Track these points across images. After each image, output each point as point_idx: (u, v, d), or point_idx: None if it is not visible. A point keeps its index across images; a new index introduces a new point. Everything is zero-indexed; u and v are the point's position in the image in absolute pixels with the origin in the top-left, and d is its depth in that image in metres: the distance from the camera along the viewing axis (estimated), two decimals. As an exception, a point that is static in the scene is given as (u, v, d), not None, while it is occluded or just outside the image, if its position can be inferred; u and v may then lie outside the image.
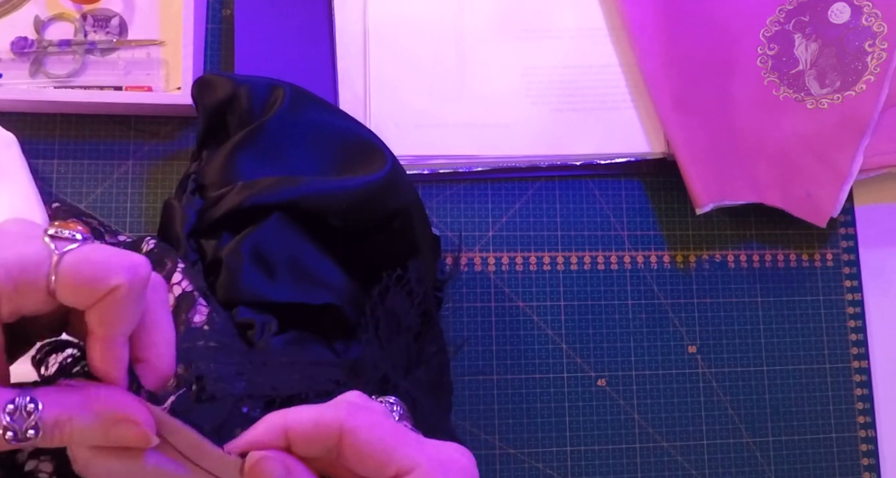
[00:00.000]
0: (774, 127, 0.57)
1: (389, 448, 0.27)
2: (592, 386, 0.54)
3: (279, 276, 0.44)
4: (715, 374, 0.56)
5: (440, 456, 0.28)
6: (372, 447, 0.27)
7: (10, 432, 0.24)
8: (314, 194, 0.44)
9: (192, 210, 0.45)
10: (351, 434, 0.27)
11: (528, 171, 0.56)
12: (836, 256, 0.59)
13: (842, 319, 0.58)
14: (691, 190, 0.55)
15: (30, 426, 0.24)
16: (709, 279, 0.57)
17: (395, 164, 0.48)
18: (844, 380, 0.57)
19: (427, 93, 0.56)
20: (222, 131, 0.47)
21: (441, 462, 0.28)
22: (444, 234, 0.55)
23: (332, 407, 0.28)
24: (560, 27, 0.58)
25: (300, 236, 0.45)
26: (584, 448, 0.53)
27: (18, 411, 0.24)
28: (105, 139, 0.53)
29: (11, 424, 0.24)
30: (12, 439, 0.24)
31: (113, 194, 0.53)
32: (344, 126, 0.49)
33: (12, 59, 0.53)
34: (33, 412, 0.24)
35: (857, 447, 0.56)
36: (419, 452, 0.28)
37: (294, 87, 0.48)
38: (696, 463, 0.54)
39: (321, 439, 0.27)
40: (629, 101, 0.57)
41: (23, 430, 0.24)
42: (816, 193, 0.55)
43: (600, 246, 0.56)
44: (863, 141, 0.55)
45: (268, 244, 0.44)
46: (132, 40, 0.54)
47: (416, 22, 0.56)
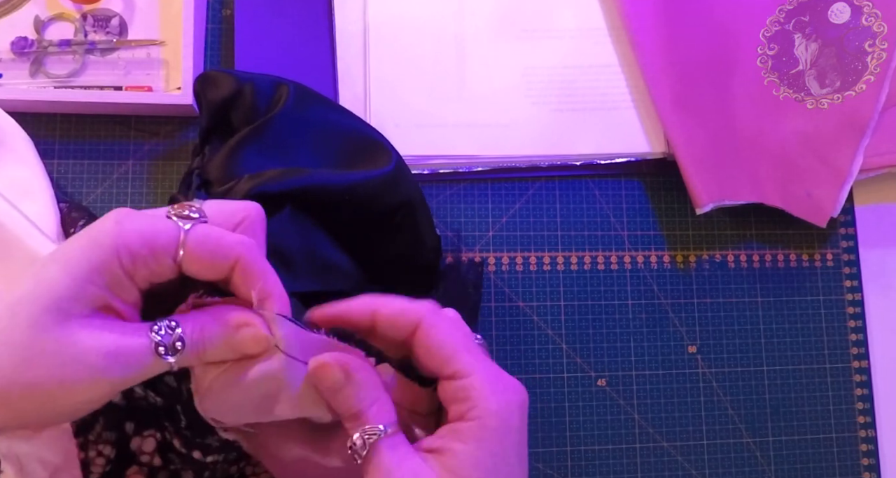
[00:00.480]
0: (774, 127, 0.57)
1: (453, 351, 0.32)
2: (592, 386, 0.54)
3: (296, 266, 0.44)
4: (715, 374, 0.56)
5: (500, 376, 0.32)
6: (440, 345, 0.32)
7: (161, 347, 0.29)
8: (319, 185, 0.45)
9: None
10: (426, 329, 0.32)
11: (528, 171, 0.56)
12: (836, 256, 0.59)
13: (842, 319, 0.58)
14: (691, 190, 0.55)
15: (176, 339, 0.29)
16: (709, 279, 0.57)
17: (400, 161, 0.48)
18: (844, 380, 0.57)
19: (427, 93, 0.56)
20: (225, 128, 0.47)
21: (498, 380, 0.32)
22: (444, 234, 0.55)
23: (418, 304, 0.33)
24: (560, 27, 0.58)
25: (311, 226, 0.46)
26: (584, 448, 0.53)
27: (163, 329, 0.29)
28: (105, 139, 0.53)
29: (161, 340, 0.29)
30: (164, 352, 0.29)
31: (113, 194, 0.53)
32: (348, 123, 0.49)
33: (12, 59, 0.53)
34: (176, 328, 0.29)
35: (857, 447, 0.56)
36: (479, 363, 0.32)
37: (297, 84, 0.48)
38: (696, 463, 0.54)
39: (401, 326, 0.33)
40: (629, 101, 0.57)
41: (171, 344, 0.29)
42: (816, 193, 0.55)
43: (600, 246, 0.56)
44: (863, 141, 0.55)
45: (282, 236, 0.44)
46: (132, 40, 0.54)
47: (416, 22, 0.56)
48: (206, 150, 0.47)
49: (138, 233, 0.28)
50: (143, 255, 0.28)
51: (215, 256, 0.30)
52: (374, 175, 0.46)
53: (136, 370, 0.29)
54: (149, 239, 0.29)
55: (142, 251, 0.28)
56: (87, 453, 0.36)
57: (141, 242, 0.28)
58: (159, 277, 0.30)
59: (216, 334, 0.30)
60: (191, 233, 0.29)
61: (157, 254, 0.29)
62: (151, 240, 0.29)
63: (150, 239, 0.29)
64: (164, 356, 0.29)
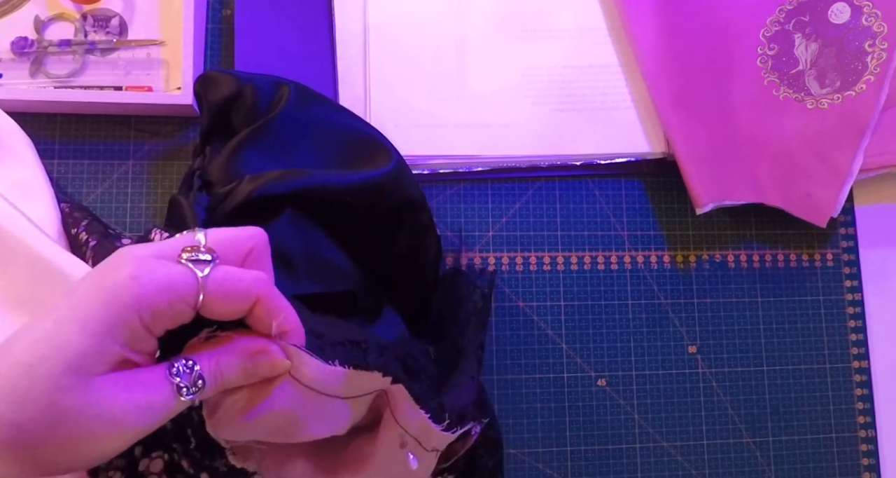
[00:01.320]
0: (774, 127, 0.57)
1: None
2: (592, 386, 0.54)
3: (297, 268, 0.44)
4: (715, 374, 0.56)
5: None
6: None
7: (184, 388, 0.29)
8: (320, 186, 0.45)
9: (198, 207, 0.45)
10: None
11: (528, 171, 0.56)
12: (836, 256, 0.59)
13: (842, 319, 0.58)
14: (691, 190, 0.55)
15: (196, 378, 0.29)
16: (709, 279, 0.57)
17: (401, 161, 0.48)
18: (844, 380, 0.57)
19: (427, 93, 0.56)
20: (226, 128, 0.47)
21: None
22: (444, 234, 0.55)
23: None
24: (560, 27, 0.58)
25: (312, 227, 0.46)
26: (584, 448, 0.53)
27: (181, 369, 0.29)
28: (105, 139, 0.53)
29: (181, 382, 0.29)
30: (187, 393, 0.29)
31: (113, 194, 0.53)
32: (349, 123, 0.49)
33: (12, 59, 0.52)
34: (194, 366, 0.29)
35: (857, 447, 0.56)
36: None
37: (298, 84, 0.48)
38: (696, 463, 0.54)
39: None
40: (629, 101, 0.57)
41: (192, 383, 0.29)
42: (816, 193, 0.55)
43: (600, 246, 0.56)
44: (863, 141, 0.55)
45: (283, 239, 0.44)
46: (132, 40, 0.54)
47: (416, 22, 0.56)
48: (207, 150, 0.47)
49: (158, 289, 0.28)
50: (164, 309, 0.28)
51: (235, 300, 0.30)
52: (374, 175, 0.46)
53: (161, 415, 0.29)
54: (168, 294, 0.28)
55: (163, 307, 0.28)
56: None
57: (162, 299, 0.28)
58: (177, 324, 0.30)
59: (232, 365, 0.30)
60: (209, 279, 0.29)
61: (177, 306, 0.29)
62: (171, 294, 0.28)
63: (170, 293, 0.28)
64: (186, 396, 0.29)
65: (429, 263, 0.50)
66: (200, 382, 0.29)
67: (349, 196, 0.45)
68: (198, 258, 0.30)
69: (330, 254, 0.46)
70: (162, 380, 0.29)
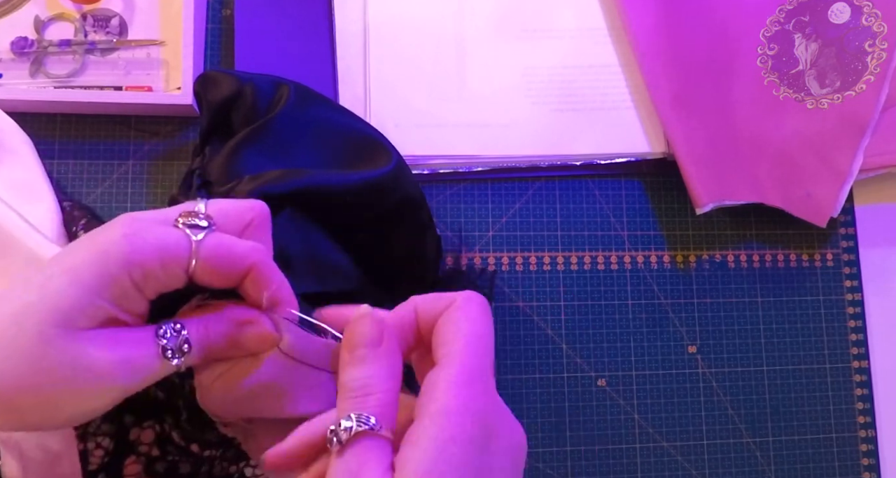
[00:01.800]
0: (774, 127, 0.57)
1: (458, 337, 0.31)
2: (592, 386, 0.54)
3: (296, 267, 0.44)
4: (715, 374, 0.56)
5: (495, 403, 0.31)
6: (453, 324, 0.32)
7: (168, 350, 0.29)
8: (320, 186, 0.45)
9: None
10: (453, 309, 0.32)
11: (528, 171, 0.56)
12: (836, 256, 0.59)
13: (842, 319, 0.58)
14: (691, 190, 0.55)
15: (182, 342, 0.29)
16: (709, 279, 0.57)
17: (401, 161, 0.48)
18: (844, 380, 0.57)
19: (427, 93, 0.56)
20: (226, 128, 0.47)
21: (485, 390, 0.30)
22: (444, 234, 0.55)
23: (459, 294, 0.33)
24: (560, 27, 0.58)
25: (311, 227, 0.46)
26: (584, 448, 0.53)
27: (169, 332, 0.29)
28: (105, 139, 0.53)
29: (167, 344, 0.29)
30: (171, 356, 0.29)
31: (113, 194, 0.53)
32: (349, 123, 0.49)
33: (12, 59, 0.53)
34: (181, 330, 0.29)
35: (857, 447, 0.56)
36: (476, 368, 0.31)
37: (298, 84, 0.48)
38: (696, 463, 0.54)
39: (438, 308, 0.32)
40: (629, 101, 0.57)
41: (177, 347, 0.29)
42: (816, 193, 0.55)
43: (600, 246, 0.56)
44: (863, 141, 0.55)
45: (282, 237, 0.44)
46: (132, 40, 0.54)
47: (416, 22, 0.56)
48: (207, 150, 0.47)
49: (150, 248, 0.28)
50: (155, 270, 0.28)
51: (228, 267, 0.30)
52: (374, 175, 0.46)
53: (145, 376, 0.29)
54: (161, 254, 0.28)
55: (153, 267, 0.28)
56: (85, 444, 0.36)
57: (153, 258, 0.28)
58: (168, 288, 0.29)
59: (221, 332, 0.30)
60: (203, 244, 0.29)
61: (169, 268, 0.28)
62: (163, 255, 0.28)
63: (162, 254, 0.28)
64: (171, 359, 0.29)
65: (429, 263, 0.50)
66: (186, 346, 0.29)
67: (349, 196, 0.45)
68: (195, 223, 0.29)
69: (330, 254, 0.46)
70: (148, 340, 0.29)
